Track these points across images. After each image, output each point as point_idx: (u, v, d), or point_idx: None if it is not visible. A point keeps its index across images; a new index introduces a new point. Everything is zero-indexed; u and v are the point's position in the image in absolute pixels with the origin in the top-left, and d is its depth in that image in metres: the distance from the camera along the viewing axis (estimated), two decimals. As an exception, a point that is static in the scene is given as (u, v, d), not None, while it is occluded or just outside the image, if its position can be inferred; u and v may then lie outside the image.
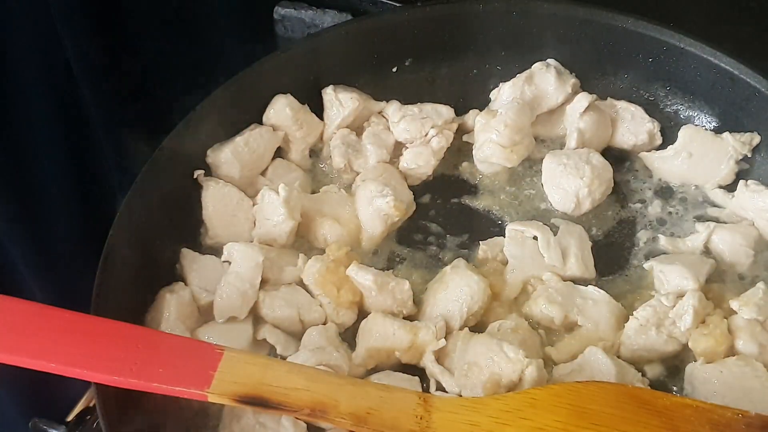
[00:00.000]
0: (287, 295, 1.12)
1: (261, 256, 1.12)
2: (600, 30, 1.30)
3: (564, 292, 1.13)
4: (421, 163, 1.28)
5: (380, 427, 0.91)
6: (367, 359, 1.08)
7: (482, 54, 1.36)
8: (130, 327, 0.96)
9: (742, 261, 1.18)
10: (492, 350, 1.04)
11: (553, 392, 0.94)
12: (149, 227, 1.12)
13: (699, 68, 1.27)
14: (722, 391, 1.02)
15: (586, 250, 1.19)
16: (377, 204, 1.19)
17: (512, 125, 1.24)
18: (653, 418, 0.92)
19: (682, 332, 1.08)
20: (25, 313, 0.93)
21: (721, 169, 1.25)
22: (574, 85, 1.31)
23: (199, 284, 1.13)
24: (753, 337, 1.07)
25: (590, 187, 1.22)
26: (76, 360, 0.90)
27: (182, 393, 0.91)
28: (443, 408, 0.94)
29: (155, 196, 1.14)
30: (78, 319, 0.93)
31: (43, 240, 1.40)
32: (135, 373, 0.90)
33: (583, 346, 1.08)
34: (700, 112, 1.32)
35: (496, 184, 1.29)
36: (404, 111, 1.29)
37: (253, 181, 1.24)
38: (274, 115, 1.26)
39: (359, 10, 1.42)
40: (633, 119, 1.31)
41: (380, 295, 1.11)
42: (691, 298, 1.09)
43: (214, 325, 1.10)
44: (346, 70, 1.31)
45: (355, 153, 1.27)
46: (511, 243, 1.18)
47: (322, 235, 1.20)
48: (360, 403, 0.92)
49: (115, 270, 1.04)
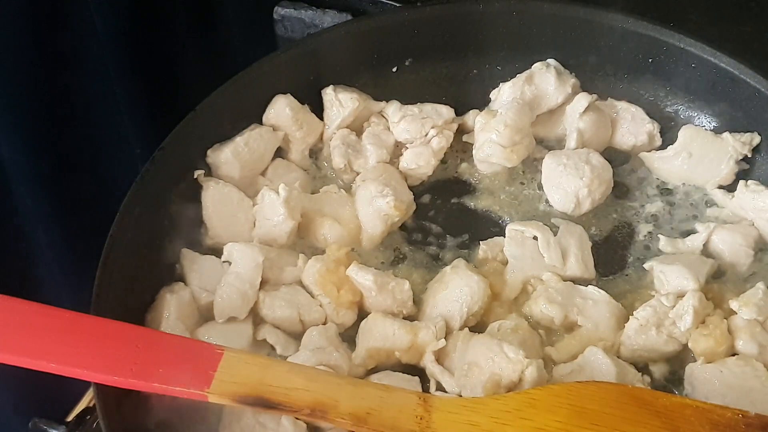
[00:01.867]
0: (287, 295, 1.12)
1: (261, 257, 1.12)
2: (600, 30, 1.30)
3: (564, 292, 1.13)
4: (421, 163, 1.28)
5: (380, 427, 0.91)
6: (367, 359, 1.08)
7: (482, 54, 1.36)
8: (130, 327, 0.96)
9: (742, 261, 1.18)
10: (492, 350, 1.04)
11: (553, 392, 0.94)
12: (149, 227, 1.12)
13: (699, 68, 1.27)
14: (722, 391, 1.02)
15: (586, 250, 1.19)
16: (377, 204, 1.19)
17: (512, 125, 1.24)
18: (653, 418, 0.92)
19: (682, 332, 1.08)
20: (25, 313, 0.93)
21: (721, 169, 1.25)
22: (574, 85, 1.31)
23: (199, 284, 1.13)
24: (753, 337, 1.07)
25: (590, 187, 1.22)
26: (76, 360, 0.90)
27: (182, 393, 0.91)
28: (443, 408, 0.94)
29: (155, 196, 1.14)
30: (78, 319, 0.93)
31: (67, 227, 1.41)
32: (135, 373, 0.90)
33: (583, 346, 1.08)
34: (700, 112, 1.32)
35: (496, 184, 1.29)
36: (404, 111, 1.29)
37: (253, 181, 1.24)
38: (274, 115, 1.26)
39: (359, 10, 1.42)
40: (633, 120, 1.31)
41: (380, 295, 1.11)
42: (691, 298, 1.09)
43: (214, 325, 1.10)
44: (346, 70, 1.31)
45: (355, 153, 1.27)
46: (511, 243, 1.18)
47: (322, 235, 1.20)
48: (360, 403, 0.92)
49: (115, 270, 1.04)
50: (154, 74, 1.46)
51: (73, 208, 1.42)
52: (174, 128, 1.17)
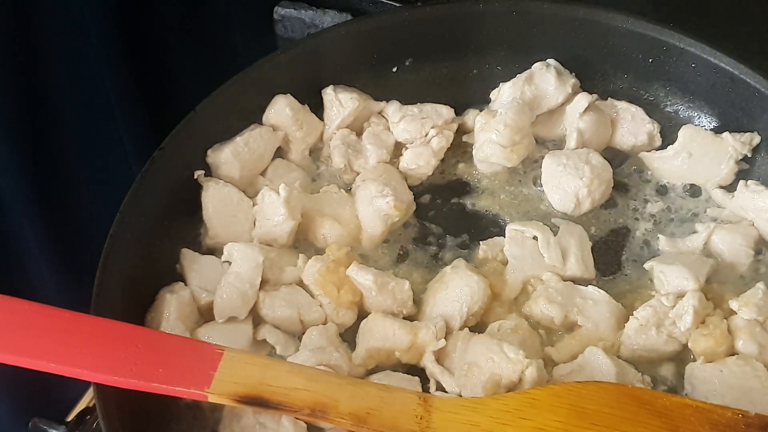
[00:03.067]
0: (287, 295, 1.12)
1: (261, 257, 1.12)
2: (600, 30, 1.30)
3: (564, 292, 1.13)
4: (421, 163, 1.28)
5: (380, 427, 0.91)
6: (367, 359, 1.08)
7: (482, 54, 1.36)
8: (130, 327, 0.96)
9: (742, 261, 1.18)
10: (492, 350, 1.04)
11: (553, 392, 0.94)
12: (149, 227, 1.12)
13: (699, 68, 1.27)
14: (722, 391, 1.02)
15: (586, 250, 1.19)
16: (377, 204, 1.19)
17: (512, 125, 1.24)
18: (653, 418, 0.92)
19: (682, 332, 1.08)
20: (25, 313, 0.93)
21: (721, 169, 1.25)
22: (574, 85, 1.31)
23: (199, 284, 1.13)
24: (753, 337, 1.07)
25: (590, 187, 1.22)
26: (76, 360, 0.90)
27: (182, 393, 0.91)
28: (443, 408, 0.94)
29: (155, 196, 1.14)
30: (78, 319, 0.93)
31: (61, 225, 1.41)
32: (135, 373, 0.90)
33: (583, 346, 1.08)
34: (700, 112, 1.32)
35: (496, 184, 1.29)
36: (404, 111, 1.29)
37: (253, 181, 1.24)
38: (274, 115, 1.26)
39: (359, 10, 1.42)
40: (633, 120, 1.31)
41: (380, 295, 1.11)
42: (691, 298, 1.09)
43: (214, 325, 1.10)
44: (346, 70, 1.31)
45: (355, 153, 1.27)
46: (511, 243, 1.18)
47: (322, 235, 1.20)
48: (360, 403, 0.92)
49: (115, 270, 1.04)
50: (152, 74, 1.45)
51: (64, 208, 1.42)
52: (173, 128, 1.17)
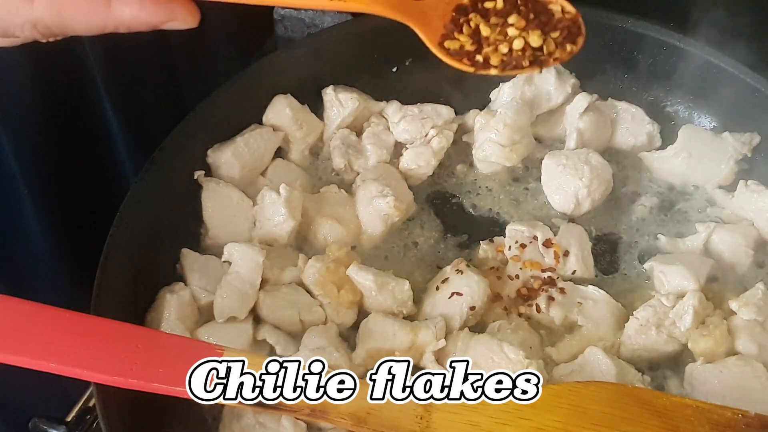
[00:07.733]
0: (287, 295, 1.12)
1: (261, 257, 1.12)
2: (600, 30, 1.30)
3: (564, 292, 1.13)
4: (421, 163, 1.28)
5: (380, 427, 0.91)
6: (367, 359, 1.07)
7: (482, 54, 1.36)
8: (130, 327, 0.95)
9: (742, 261, 1.18)
10: (492, 350, 1.04)
11: (553, 392, 0.94)
12: (149, 227, 1.12)
13: (699, 68, 1.27)
14: (722, 391, 1.02)
15: (586, 250, 1.19)
16: (377, 204, 1.19)
17: (512, 124, 1.24)
18: (653, 418, 0.92)
19: (682, 332, 1.08)
20: (25, 313, 0.93)
21: (721, 169, 1.25)
22: (574, 85, 1.31)
23: (199, 284, 1.13)
24: (753, 338, 1.07)
25: (590, 187, 1.22)
26: (76, 360, 0.90)
27: (182, 393, 0.91)
28: (443, 408, 0.94)
29: (155, 196, 1.14)
30: (78, 319, 0.93)
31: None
32: (135, 373, 0.90)
33: (583, 346, 1.08)
34: (700, 112, 1.32)
35: (496, 184, 1.29)
36: (404, 111, 1.29)
37: (253, 181, 1.24)
38: (274, 116, 1.26)
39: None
40: (633, 120, 1.31)
41: (380, 295, 1.11)
42: (691, 298, 1.09)
43: (214, 325, 1.10)
44: (346, 70, 1.31)
45: (355, 153, 1.27)
46: (511, 243, 1.18)
47: (323, 235, 1.20)
48: (360, 403, 0.92)
49: (115, 270, 1.04)
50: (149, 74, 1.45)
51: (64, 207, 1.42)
52: (173, 128, 1.17)
